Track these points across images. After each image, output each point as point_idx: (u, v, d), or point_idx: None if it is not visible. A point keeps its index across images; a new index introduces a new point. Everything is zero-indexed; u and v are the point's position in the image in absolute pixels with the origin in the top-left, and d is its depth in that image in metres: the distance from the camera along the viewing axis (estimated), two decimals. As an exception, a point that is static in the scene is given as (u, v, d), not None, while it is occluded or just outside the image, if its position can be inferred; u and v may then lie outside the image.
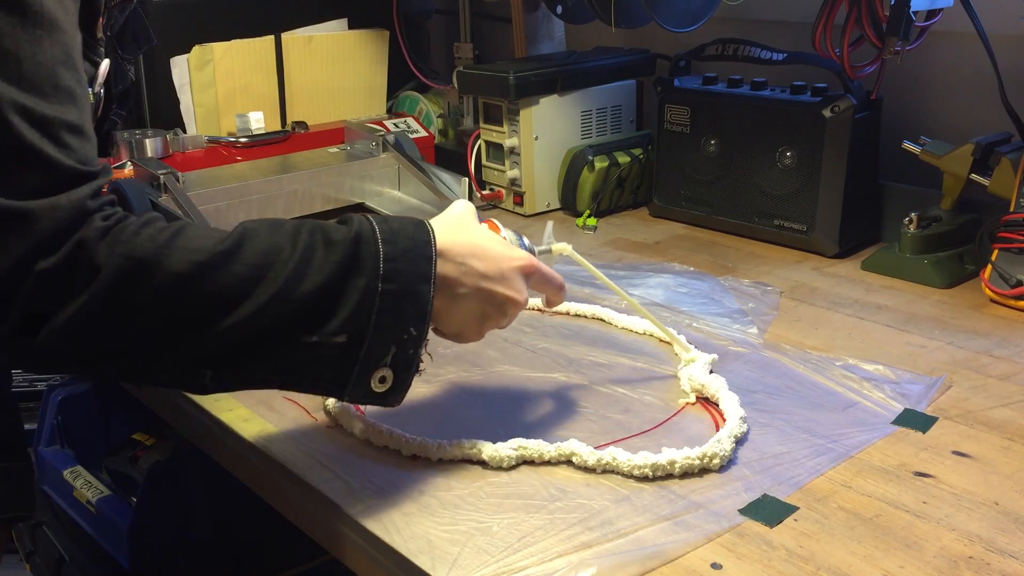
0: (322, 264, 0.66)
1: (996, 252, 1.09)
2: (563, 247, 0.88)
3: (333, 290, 0.66)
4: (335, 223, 0.70)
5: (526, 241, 0.84)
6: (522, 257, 0.77)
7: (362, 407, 0.85)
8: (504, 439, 0.78)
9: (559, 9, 1.53)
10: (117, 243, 0.62)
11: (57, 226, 0.60)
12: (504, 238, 0.80)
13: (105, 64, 0.89)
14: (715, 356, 0.94)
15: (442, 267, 0.71)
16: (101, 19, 0.85)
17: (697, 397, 0.88)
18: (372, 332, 0.67)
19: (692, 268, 1.22)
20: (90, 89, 0.83)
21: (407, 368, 0.70)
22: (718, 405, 0.85)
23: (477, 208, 1.47)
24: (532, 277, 0.78)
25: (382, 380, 0.69)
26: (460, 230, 0.75)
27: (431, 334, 0.73)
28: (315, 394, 0.71)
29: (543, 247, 0.87)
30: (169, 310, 0.63)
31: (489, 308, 0.75)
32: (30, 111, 0.60)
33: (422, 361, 0.72)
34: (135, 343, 0.64)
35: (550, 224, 0.90)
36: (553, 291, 0.82)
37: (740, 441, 0.80)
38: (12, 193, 0.59)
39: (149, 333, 0.63)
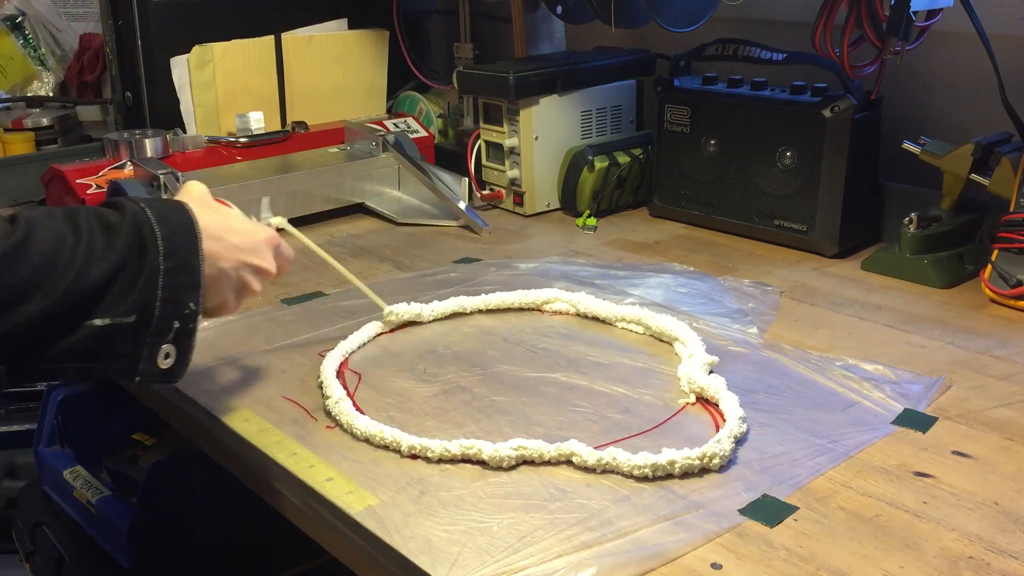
0: (106, 249, 0.69)
1: (996, 252, 1.09)
2: (279, 220, 0.95)
3: (121, 273, 0.69)
4: (103, 208, 0.73)
5: (251, 216, 0.89)
6: (266, 230, 0.86)
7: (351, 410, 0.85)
8: (504, 439, 0.78)
9: (559, 9, 1.53)
10: None
11: None
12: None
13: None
14: (715, 359, 0.94)
15: (206, 244, 0.75)
16: None
17: (697, 397, 0.88)
18: (159, 309, 0.71)
19: (692, 268, 1.22)
20: None
21: (188, 341, 0.75)
22: (718, 405, 0.85)
23: (475, 208, 1.47)
24: (276, 248, 0.86)
25: (167, 356, 0.73)
26: (208, 208, 0.81)
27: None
28: (108, 377, 0.74)
29: (263, 221, 0.92)
30: None
31: (248, 278, 0.82)
32: None
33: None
34: None
35: (266, 199, 0.97)
36: (286, 260, 0.89)
37: (740, 441, 0.80)
38: None
39: None
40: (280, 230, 0.93)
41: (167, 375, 0.74)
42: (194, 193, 0.83)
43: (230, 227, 0.81)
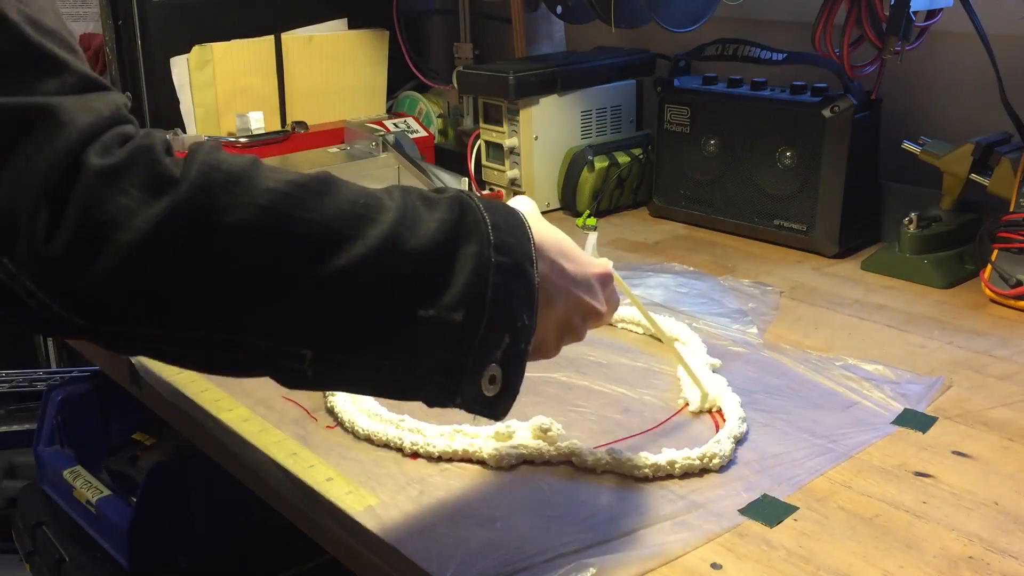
0: (429, 220, 0.55)
1: (996, 252, 1.09)
2: (605, 262, 0.74)
3: (446, 252, 0.55)
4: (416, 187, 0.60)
5: None
6: (602, 265, 0.69)
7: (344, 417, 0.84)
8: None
9: (559, 9, 1.52)
10: (195, 154, 0.50)
11: (98, 122, 0.49)
12: None
13: None
14: (717, 361, 0.93)
15: (538, 262, 0.60)
16: None
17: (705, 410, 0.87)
18: (488, 311, 0.56)
19: (692, 268, 1.22)
20: None
21: (517, 366, 0.59)
22: (720, 408, 0.85)
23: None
24: (606, 289, 0.69)
25: (492, 380, 0.58)
26: (539, 222, 0.64)
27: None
28: (423, 394, 0.58)
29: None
30: (263, 242, 0.50)
31: (574, 318, 0.67)
32: (36, 21, 0.49)
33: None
34: (219, 291, 0.50)
35: (593, 235, 0.80)
36: (614, 307, 0.72)
37: (740, 441, 0.80)
38: (29, 93, 0.48)
39: (237, 275, 0.50)
40: None
41: (490, 404, 0.59)
42: (524, 206, 0.66)
43: (563, 251, 0.64)
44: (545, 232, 0.64)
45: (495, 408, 0.60)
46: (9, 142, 0.47)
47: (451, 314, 0.55)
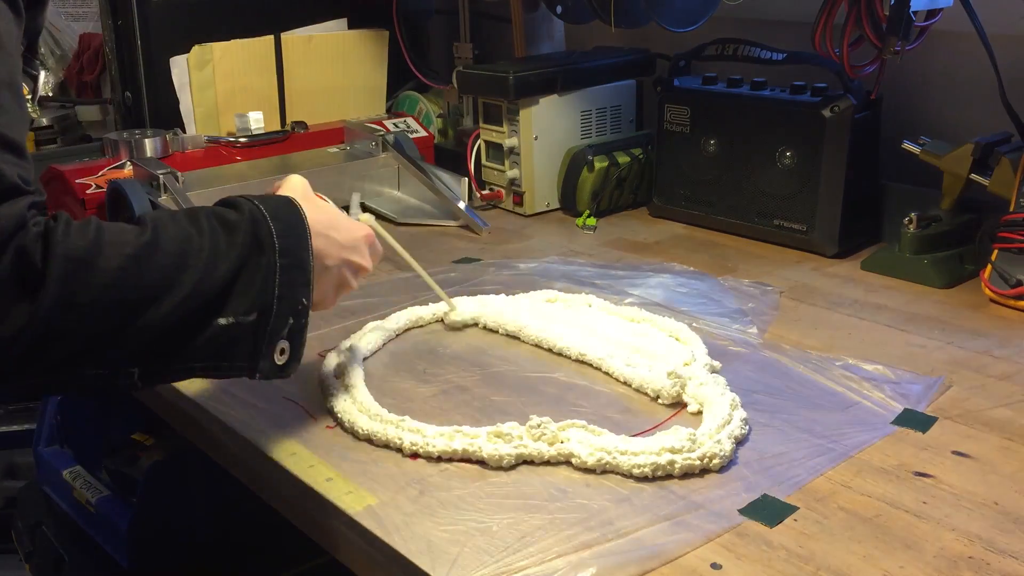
0: (229, 247, 0.70)
1: (996, 252, 1.09)
2: (367, 218, 0.94)
3: (243, 270, 0.71)
4: (220, 207, 0.74)
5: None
6: (364, 227, 0.87)
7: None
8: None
9: (559, 9, 1.52)
10: (54, 246, 0.63)
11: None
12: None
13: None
14: (718, 363, 0.93)
15: (314, 240, 0.76)
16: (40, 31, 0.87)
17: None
18: (276, 306, 0.72)
19: (692, 268, 1.22)
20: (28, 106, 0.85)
21: (300, 337, 0.75)
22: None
23: (475, 208, 1.47)
24: (371, 246, 0.87)
25: (282, 352, 0.74)
26: (312, 204, 0.80)
27: None
28: (230, 377, 0.74)
29: (352, 217, 0.91)
30: (111, 305, 0.65)
31: (348, 275, 0.83)
32: None
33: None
34: (84, 344, 0.65)
35: (356, 196, 0.97)
36: (376, 258, 0.89)
37: (740, 441, 0.80)
38: None
39: (96, 332, 0.65)
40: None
41: (282, 370, 0.75)
42: (297, 187, 0.82)
43: (334, 224, 0.81)
44: (316, 212, 0.79)
45: (285, 371, 0.76)
46: None
47: (246, 318, 0.71)
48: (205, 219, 0.71)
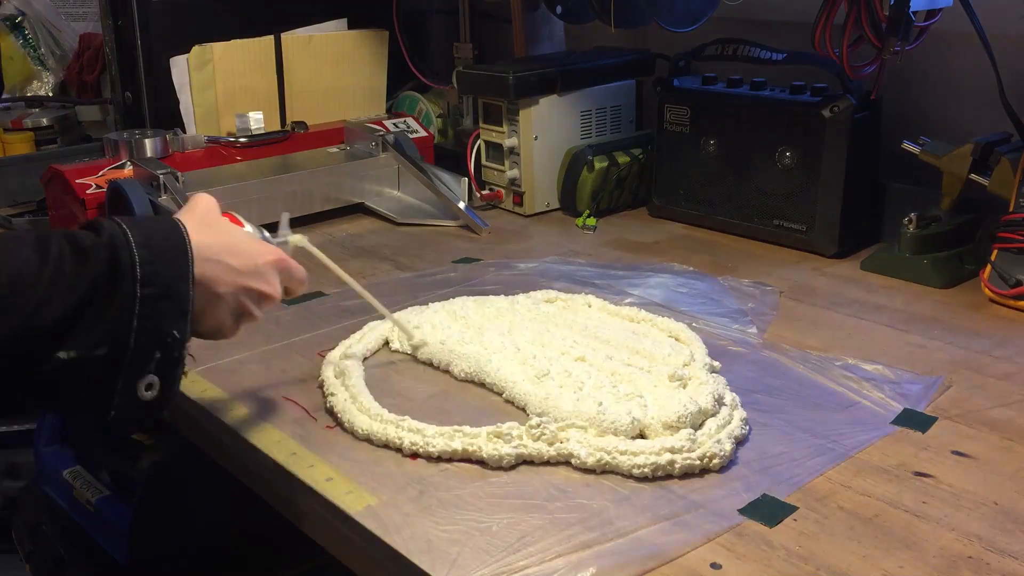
0: (75, 277, 0.64)
1: (996, 252, 1.09)
2: (299, 239, 0.88)
3: (91, 303, 0.64)
4: (83, 231, 0.68)
5: (266, 233, 0.85)
6: (272, 251, 0.80)
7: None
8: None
9: (559, 9, 1.52)
10: None
11: None
12: (248, 232, 0.81)
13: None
14: (718, 363, 0.93)
15: (200, 267, 0.70)
16: None
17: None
18: (135, 339, 0.66)
19: (692, 268, 1.22)
20: None
21: (173, 371, 0.69)
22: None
23: (475, 208, 1.47)
24: (282, 271, 0.81)
25: (148, 388, 0.68)
26: (210, 227, 0.75)
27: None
28: (78, 413, 0.69)
29: (279, 239, 0.88)
30: None
31: (247, 303, 0.76)
32: None
33: (186, 363, 0.71)
34: None
35: (285, 215, 0.90)
36: (297, 283, 0.83)
37: (740, 441, 0.80)
38: None
39: None
40: (300, 248, 0.88)
41: (149, 407, 0.69)
42: (198, 208, 0.77)
43: (230, 248, 0.75)
44: (210, 237, 0.73)
45: (156, 409, 0.69)
46: None
47: (92, 352, 0.64)
48: (55, 244, 0.65)
